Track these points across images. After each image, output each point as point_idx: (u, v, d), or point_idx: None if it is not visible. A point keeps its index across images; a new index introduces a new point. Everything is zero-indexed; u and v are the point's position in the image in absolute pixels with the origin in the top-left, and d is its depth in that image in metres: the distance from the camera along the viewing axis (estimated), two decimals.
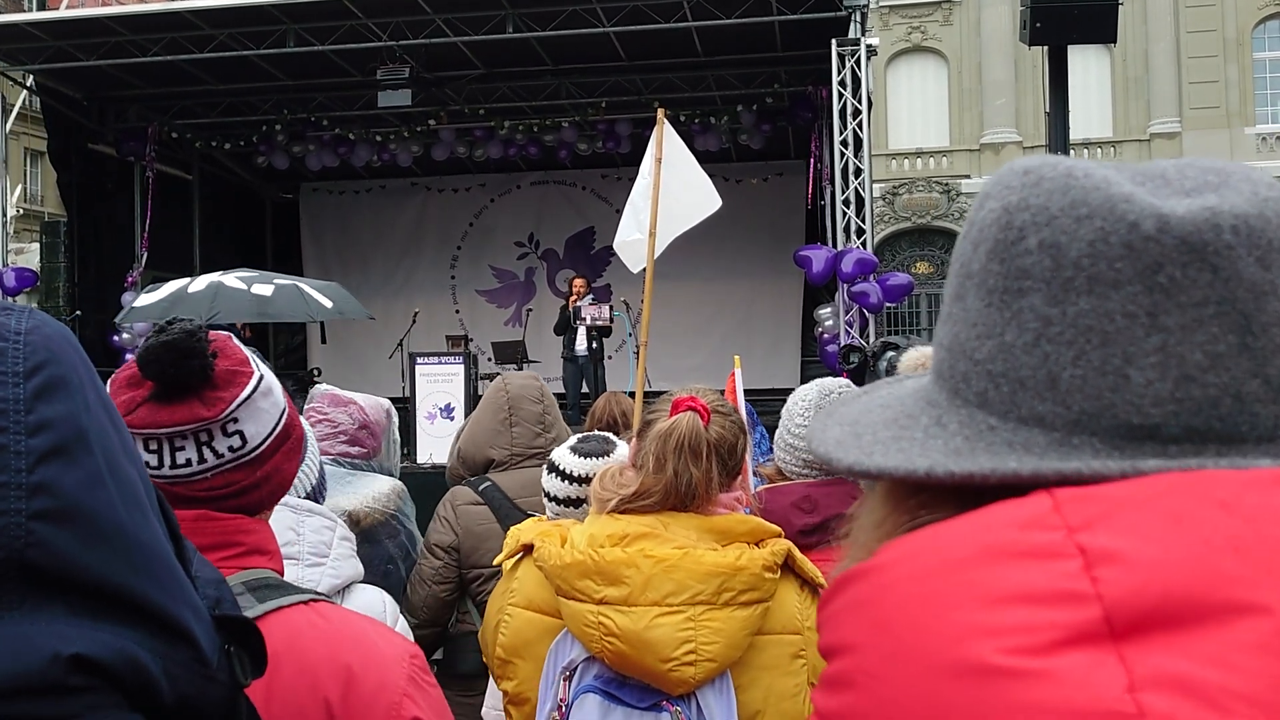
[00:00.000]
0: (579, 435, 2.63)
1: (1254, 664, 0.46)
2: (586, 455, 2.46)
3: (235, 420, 1.23)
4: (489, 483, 3.15)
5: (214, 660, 0.75)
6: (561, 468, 2.47)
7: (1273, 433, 0.56)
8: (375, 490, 2.75)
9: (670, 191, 4.68)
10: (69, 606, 0.65)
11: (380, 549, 2.73)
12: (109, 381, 1.24)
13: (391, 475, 3.01)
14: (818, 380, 2.76)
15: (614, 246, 5.24)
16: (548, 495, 2.50)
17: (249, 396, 1.24)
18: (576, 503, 2.43)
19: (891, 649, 0.53)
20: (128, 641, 0.67)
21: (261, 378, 1.28)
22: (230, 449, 1.23)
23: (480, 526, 3.09)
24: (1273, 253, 0.56)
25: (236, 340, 1.31)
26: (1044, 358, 0.58)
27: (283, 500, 1.39)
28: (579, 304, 12.05)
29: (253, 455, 1.25)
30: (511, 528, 2.81)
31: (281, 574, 1.26)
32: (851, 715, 0.54)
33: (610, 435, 2.63)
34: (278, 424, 1.28)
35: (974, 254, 0.63)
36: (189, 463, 1.21)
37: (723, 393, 2.50)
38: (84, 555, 0.66)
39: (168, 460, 1.21)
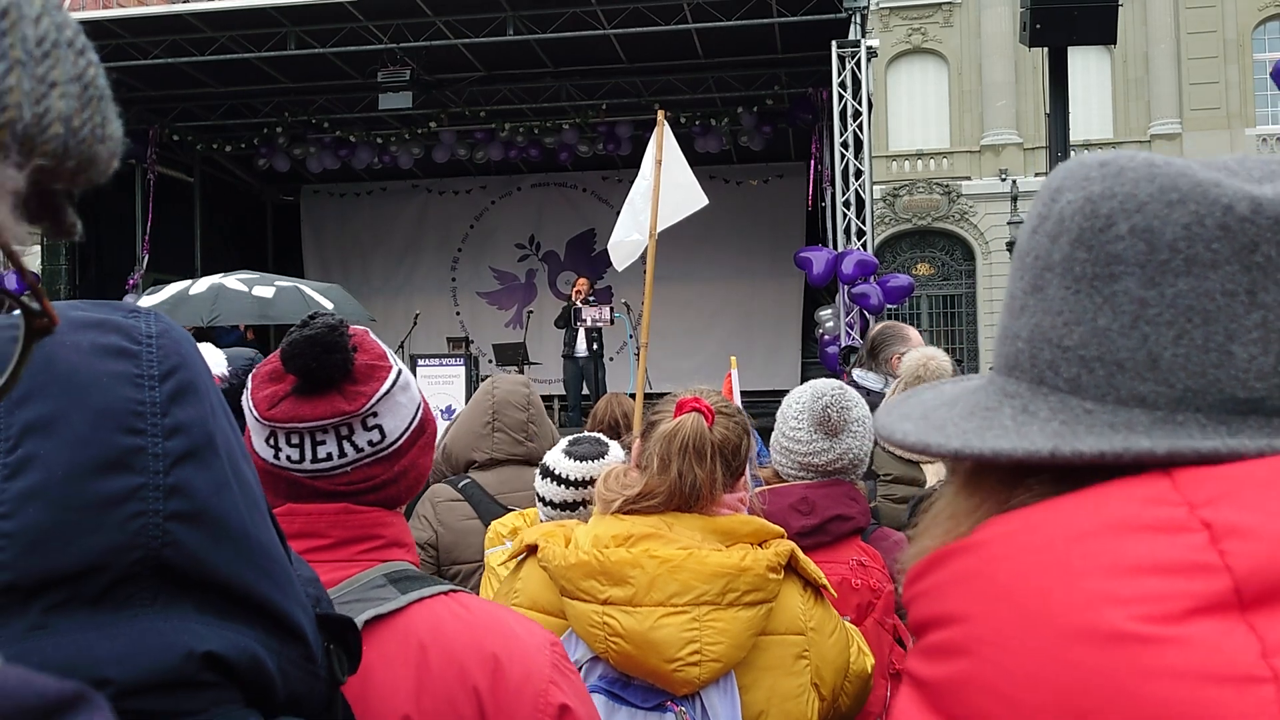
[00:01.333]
0: (571, 437, 2.61)
1: None
2: (580, 459, 2.46)
3: (375, 414, 1.23)
4: (469, 480, 3.18)
5: (320, 658, 0.77)
6: (556, 471, 2.46)
7: None
8: None
9: (663, 190, 4.75)
10: (197, 605, 0.67)
11: None
12: (250, 375, 1.26)
13: None
14: (811, 382, 2.76)
15: (609, 246, 5.30)
16: (541, 499, 2.49)
17: (389, 391, 1.24)
18: (571, 506, 2.43)
19: (1012, 616, 0.54)
20: (250, 640, 0.69)
21: (400, 372, 1.27)
22: (370, 443, 1.23)
23: (461, 522, 3.11)
24: None
25: (374, 335, 1.31)
26: (1143, 339, 0.59)
27: None
28: (579, 306, 12.06)
29: (391, 449, 1.24)
30: (493, 521, 2.82)
31: (418, 566, 1.26)
32: (968, 681, 0.55)
33: (602, 436, 2.62)
34: (414, 418, 1.28)
35: (1053, 245, 0.64)
36: (329, 456, 1.21)
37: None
38: (213, 555, 0.68)
39: (309, 454, 1.21)
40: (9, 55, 0.42)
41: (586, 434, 2.68)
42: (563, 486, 2.44)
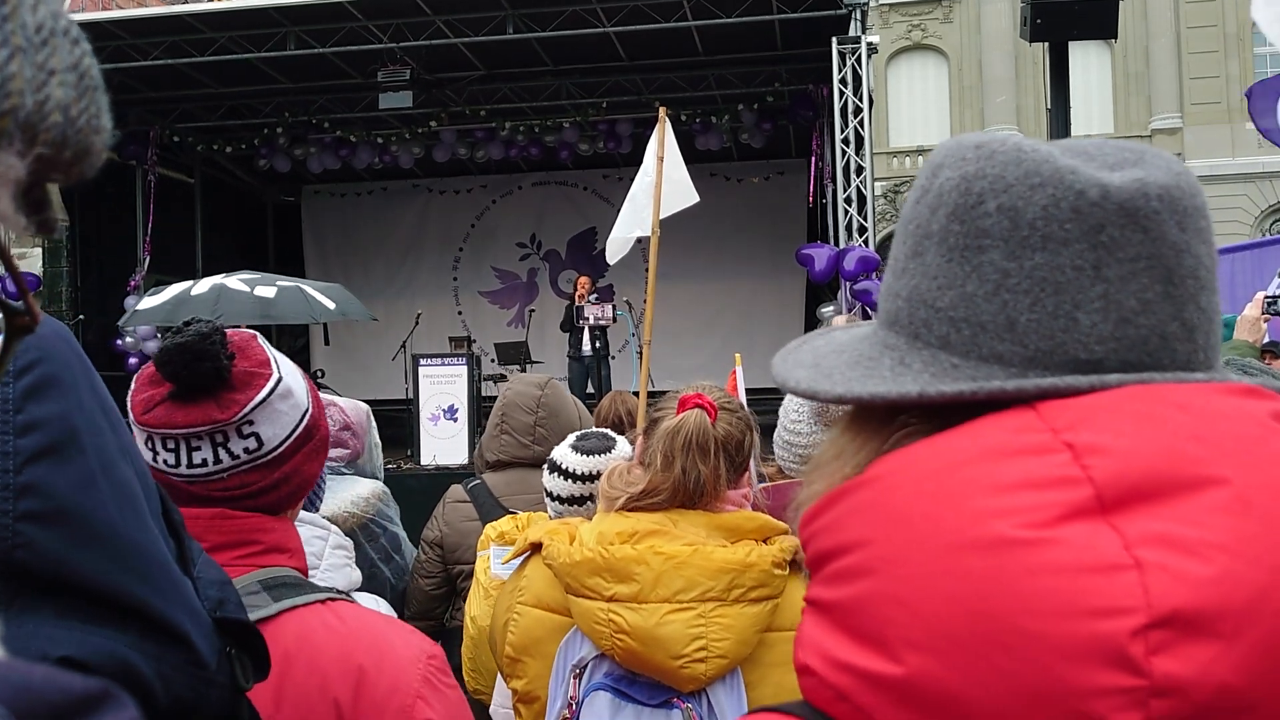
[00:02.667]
0: (578, 432, 2.63)
1: (1220, 521, 0.58)
2: (587, 453, 2.46)
3: (251, 422, 1.22)
4: (479, 481, 3.21)
5: (212, 663, 0.74)
6: (563, 466, 2.47)
7: (1186, 364, 0.68)
8: (354, 494, 2.71)
9: (663, 186, 4.77)
10: (58, 608, 0.64)
11: (360, 553, 2.69)
12: (134, 378, 1.24)
13: (375, 478, 3.01)
14: None
15: (608, 241, 5.32)
16: (549, 494, 2.50)
17: (265, 399, 1.23)
18: (579, 500, 2.43)
19: (909, 536, 0.62)
20: (119, 644, 0.66)
21: (280, 380, 1.26)
22: (246, 450, 1.22)
23: (464, 523, 3.14)
24: (1187, 217, 0.67)
25: (261, 340, 1.30)
26: (1003, 305, 0.67)
27: None
28: (582, 304, 12.06)
29: (270, 457, 1.24)
30: (488, 524, 2.84)
31: (304, 572, 1.25)
32: (873, 596, 0.62)
33: (609, 432, 2.63)
34: (298, 426, 1.27)
35: (933, 216, 0.71)
36: (205, 463, 1.20)
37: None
38: (74, 556, 0.65)
39: (184, 460, 1.20)
40: (10, 42, 0.42)
41: (594, 429, 2.69)
42: (569, 480, 2.45)
